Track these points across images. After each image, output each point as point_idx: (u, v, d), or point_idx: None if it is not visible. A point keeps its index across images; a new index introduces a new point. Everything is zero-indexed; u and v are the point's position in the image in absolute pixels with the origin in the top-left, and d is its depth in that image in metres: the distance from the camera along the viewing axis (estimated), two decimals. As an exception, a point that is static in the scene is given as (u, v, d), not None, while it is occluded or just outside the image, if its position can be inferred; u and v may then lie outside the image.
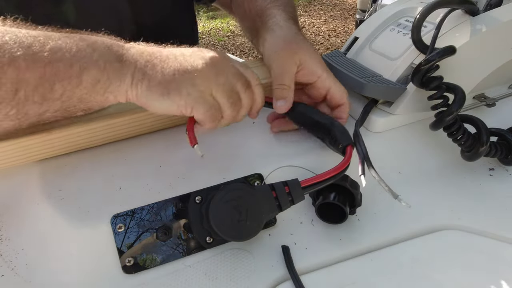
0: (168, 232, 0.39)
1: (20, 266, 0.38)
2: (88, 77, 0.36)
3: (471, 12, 0.49)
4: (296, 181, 0.38)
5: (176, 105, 0.38)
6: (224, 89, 0.40)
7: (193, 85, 0.38)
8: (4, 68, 0.33)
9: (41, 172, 0.44)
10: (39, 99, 0.35)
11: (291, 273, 0.37)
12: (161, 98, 0.38)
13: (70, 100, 0.36)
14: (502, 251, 0.39)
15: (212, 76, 0.39)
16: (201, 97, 0.38)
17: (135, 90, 0.38)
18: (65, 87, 0.35)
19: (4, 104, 0.34)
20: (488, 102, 0.53)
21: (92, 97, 0.37)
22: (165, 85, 0.37)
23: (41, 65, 0.34)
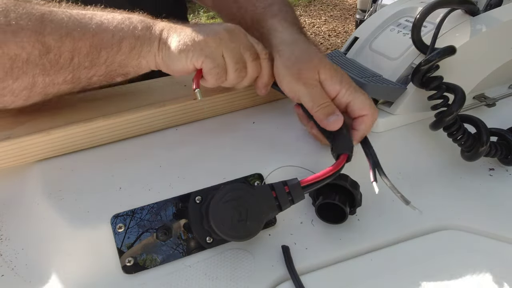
0: (168, 232, 0.39)
1: (20, 266, 0.38)
2: (125, 44, 0.42)
3: (471, 12, 0.49)
4: (296, 181, 0.38)
5: (190, 59, 0.43)
6: (234, 53, 0.44)
7: (206, 43, 0.42)
8: (63, 39, 0.40)
9: (41, 172, 0.44)
10: (89, 64, 0.42)
11: (291, 273, 0.37)
12: (178, 55, 0.43)
13: (112, 65, 0.43)
14: (502, 251, 0.39)
15: (225, 39, 0.43)
16: (212, 53, 0.43)
17: (161, 53, 0.44)
18: (108, 53, 0.42)
19: (63, 70, 0.41)
20: (488, 102, 0.53)
21: (129, 62, 0.44)
22: (183, 43, 0.42)
23: (90, 35, 0.41)
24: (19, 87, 0.41)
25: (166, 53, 0.43)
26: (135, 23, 0.44)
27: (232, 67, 0.44)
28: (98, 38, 0.41)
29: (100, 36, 0.42)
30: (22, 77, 0.40)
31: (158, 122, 0.50)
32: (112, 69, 0.44)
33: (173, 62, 0.44)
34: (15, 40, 0.38)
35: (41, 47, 0.39)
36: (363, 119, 0.44)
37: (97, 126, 0.46)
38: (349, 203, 0.41)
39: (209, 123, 0.52)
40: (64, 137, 0.45)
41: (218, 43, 0.43)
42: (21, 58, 0.39)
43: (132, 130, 0.48)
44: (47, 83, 0.41)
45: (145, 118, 0.48)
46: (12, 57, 0.38)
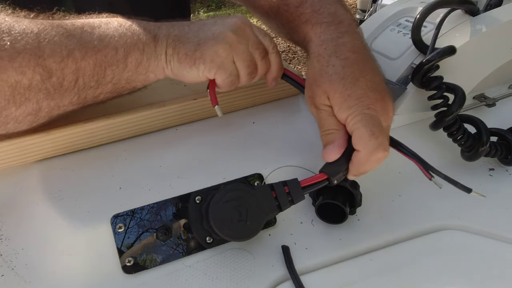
0: (168, 232, 0.39)
1: (20, 266, 0.38)
2: (131, 60, 0.40)
3: (471, 12, 0.49)
4: (296, 181, 0.38)
5: (201, 72, 0.41)
6: (244, 57, 0.42)
7: (216, 52, 0.40)
8: (64, 61, 0.37)
9: (41, 172, 0.44)
10: (95, 84, 0.40)
11: (291, 273, 0.37)
12: (188, 68, 0.41)
13: (119, 82, 0.41)
14: (502, 251, 0.39)
15: (234, 43, 0.41)
16: (223, 63, 0.41)
17: (169, 65, 0.41)
18: (114, 72, 0.40)
19: (68, 92, 0.39)
20: (488, 102, 0.53)
21: (136, 77, 0.42)
22: (191, 55, 0.40)
23: (93, 53, 0.38)
24: (23, 114, 0.38)
25: (175, 66, 0.41)
26: (138, 33, 0.41)
27: (244, 72, 0.43)
28: (101, 55, 0.39)
29: (103, 53, 0.39)
30: (25, 103, 0.37)
31: (158, 122, 0.50)
32: (120, 86, 0.42)
33: (184, 75, 0.42)
34: (13, 66, 0.35)
35: (42, 71, 0.36)
36: (356, 154, 0.38)
37: (97, 126, 0.46)
38: (349, 203, 0.41)
39: (209, 123, 0.52)
40: (64, 137, 0.45)
41: (228, 50, 0.41)
42: (22, 85, 0.36)
43: (132, 130, 0.48)
44: (52, 107, 0.39)
45: (145, 118, 0.48)
46: (13, 84, 0.35)
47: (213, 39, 0.40)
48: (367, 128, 0.37)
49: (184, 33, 0.42)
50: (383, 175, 0.47)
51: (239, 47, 0.41)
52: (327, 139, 0.40)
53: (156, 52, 0.41)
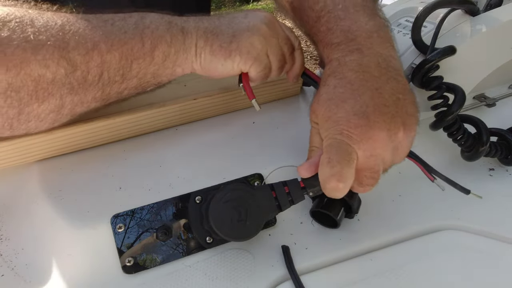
0: (168, 232, 0.39)
1: (20, 266, 0.38)
2: (158, 52, 0.39)
3: (471, 12, 0.49)
4: (296, 181, 0.38)
5: (237, 64, 0.40)
6: (277, 50, 0.42)
7: (252, 44, 0.40)
8: (90, 54, 0.35)
9: (41, 172, 0.44)
10: (120, 78, 0.38)
11: (291, 273, 0.37)
12: (223, 60, 0.40)
13: (145, 77, 0.40)
14: (502, 251, 0.39)
15: (268, 36, 0.41)
16: (259, 55, 0.41)
17: (199, 58, 0.40)
18: (140, 65, 0.38)
19: (93, 87, 0.37)
20: (488, 102, 0.53)
21: (162, 71, 0.40)
22: (226, 47, 0.40)
23: (118, 46, 0.37)
24: (46, 110, 0.37)
25: (206, 59, 0.40)
26: (164, 25, 0.39)
27: (276, 65, 0.43)
28: (127, 48, 0.37)
29: (129, 46, 0.37)
30: (48, 99, 0.36)
31: (158, 122, 0.50)
32: (145, 81, 0.40)
33: (216, 68, 0.41)
34: (37, 59, 0.33)
35: (66, 64, 0.35)
36: None
37: (97, 126, 0.46)
38: (346, 209, 0.40)
39: (209, 123, 0.52)
40: (64, 137, 0.45)
41: (263, 42, 0.41)
42: (46, 79, 0.34)
43: (132, 130, 0.48)
44: (75, 103, 0.38)
45: (145, 118, 0.48)
46: (36, 78, 0.34)
47: (248, 31, 0.40)
48: (326, 154, 0.34)
49: (215, 26, 0.41)
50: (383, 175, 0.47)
51: (272, 40, 0.41)
52: (309, 155, 0.41)
53: (185, 44, 0.39)
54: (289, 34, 0.45)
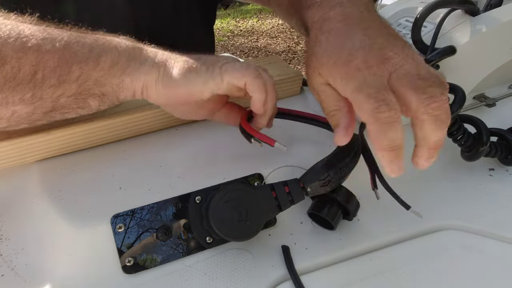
0: (168, 232, 0.39)
1: (20, 266, 0.38)
2: (106, 59, 0.36)
3: (471, 12, 0.49)
4: (296, 181, 0.38)
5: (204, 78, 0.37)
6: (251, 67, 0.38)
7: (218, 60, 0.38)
8: (24, 50, 0.33)
9: (41, 172, 0.44)
10: (56, 81, 0.35)
11: (291, 273, 0.37)
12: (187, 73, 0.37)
13: (86, 83, 0.36)
14: (502, 251, 0.39)
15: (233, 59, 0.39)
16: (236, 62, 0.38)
17: (156, 71, 0.37)
18: (83, 69, 0.35)
19: (21, 87, 0.34)
20: (488, 102, 0.53)
21: (108, 80, 0.37)
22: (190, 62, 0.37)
23: (61, 47, 0.34)
24: None
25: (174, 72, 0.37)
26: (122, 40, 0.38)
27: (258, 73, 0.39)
28: (70, 51, 0.35)
29: (73, 49, 0.35)
30: None
31: (158, 122, 0.50)
32: (86, 88, 0.37)
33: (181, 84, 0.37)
34: None
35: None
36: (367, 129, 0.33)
37: (97, 126, 0.46)
38: (343, 211, 0.40)
39: (209, 123, 0.52)
40: (64, 137, 0.45)
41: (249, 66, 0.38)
42: None
43: (132, 130, 0.48)
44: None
45: (145, 118, 0.48)
46: None
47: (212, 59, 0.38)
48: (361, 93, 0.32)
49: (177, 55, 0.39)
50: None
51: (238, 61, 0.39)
52: (332, 122, 0.37)
53: (140, 56, 0.37)
54: None
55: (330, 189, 0.39)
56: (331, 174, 0.38)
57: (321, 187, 0.38)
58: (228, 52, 3.25)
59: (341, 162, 0.39)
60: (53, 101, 0.36)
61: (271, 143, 0.39)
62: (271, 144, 0.39)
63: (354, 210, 0.40)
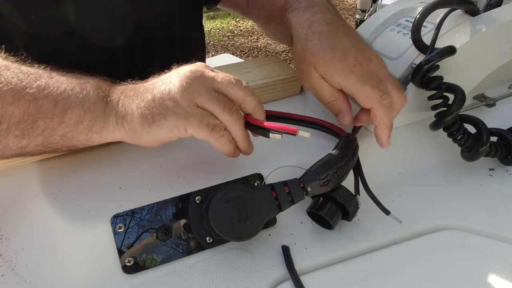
0: (168, 232, 0.39)
1: (20, 266, 0.38)
2: (71, 116, 0.36)
3: (471, 12, 0.49)
4: (296, 181, 0.38)
5: (167, 129, 0.37)
6: (209, 95, 0.37)
7: (176, 104, 0.36)
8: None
9: (41, 172, 0.44)
10: (20, 133, 0.35)
11: (291, 273, 0.37)
12: (148, 128, 0.37)
13: (52, 137, 0.37)
14: (502, 251, 0.39)
15: (193, 88, 0.37)
16: (188, 112, 0.36)
17: (122, 129, 0.38)
18: (47, 124, 0.36)
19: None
20: (488, 102, 0.53)
21: (75, 136, 0.37)
22: (147, 115, 0.36)
23: (26, 101, 0.35)
24: None
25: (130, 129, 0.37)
26: (88, 89, 0.37)
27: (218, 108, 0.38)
28: (36, 105, 0.35)
29: (39, 103, 0.35)
30: None
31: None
32: (52, 141, 0.37)
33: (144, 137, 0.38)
34: None
35: None
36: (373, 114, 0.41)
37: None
38: (343, 212, 0.40)
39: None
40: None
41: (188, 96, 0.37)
42: None
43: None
44: None
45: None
46: None
47: (169, 91, 0.37)
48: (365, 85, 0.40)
49: (137, 93, 0.38)
50: (383, 175, 0.47)
51: (200, 88, 0.37)
52: (333, 110, 0.45)
53: (104, 113, 0.37)
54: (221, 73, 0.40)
55: (330, 189, 0.39)
56: (331, 173, 0.38)
57: (321, 187, 0.38)
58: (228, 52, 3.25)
59: (341, 161, 0.39)
60: (20, 148, 0.37)
61: (294, 131, 0.37)
62: (294, 133, 0.37)
63: (354, 210, 0.40)
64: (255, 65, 0.58)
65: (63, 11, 0.52)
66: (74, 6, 0.53)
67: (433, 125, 0.46)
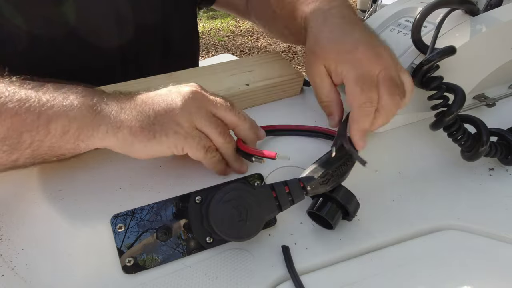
0: (168, 232, 0.39)
1: (20, 266, 0.38)
2: (56, 126, 0.35)
3: (471, 12, 0.49)
4: (296, 181, 0.38)
5: (166, 146, 0.38)
6: (208, 119, 0.39)
7: (177, 124, 0.38)
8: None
9: (41, 172, 0.44)
10: (8, 148, 0.35)
11: (291, 273, 0.37)
12: (147, 141, 0.37)
13: (40, 149, 0.36)
14: (502, 251, 0.39)
15: (194, 109, 0.38)
16: (188, 133, 0.38)
17: (114, 138, 0.37)
18: (34, 137, 0.35)
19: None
20: (488, 102, 0.53)
21: (62, 145, 0.37)
22: (149, 129, 0.37)
23: (8, 116, 0.34)
24: None
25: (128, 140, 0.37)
26: (72, 98, 0.36)
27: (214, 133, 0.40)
28: (19, 119, 0.34)
29: (21, 117, 0.34)
30: None
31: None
32: (42, 152, 0.37)
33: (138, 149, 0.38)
34: None
35: None
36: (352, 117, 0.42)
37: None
38: (343, 212, 0.40)
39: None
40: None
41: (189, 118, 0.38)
42: None
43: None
44: None
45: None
46: None
47: (171, 110, 0.38)
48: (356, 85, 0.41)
49: (134, 105, 0.38)
50: (383, 175, 0.47)
51: (200, 111, 0.39)
52: (325, 110, 0.46)
53: (93, 122, 0.36)
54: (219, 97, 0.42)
55: (330, 188, 0.39)
56: (330, 172, 0.38)
57: (320, 186, 0.38)
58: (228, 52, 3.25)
59: (340, 160, 0.39)
60: (12, 162, 0.37)
61: (273, 156, 0.40)
62: (273, 157, 0.40)
63: (354, 210, 0.40)
64: (256, 62, 0.58)
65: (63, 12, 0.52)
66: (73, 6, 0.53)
67: (433, 125, 0.46)
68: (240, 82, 0.53)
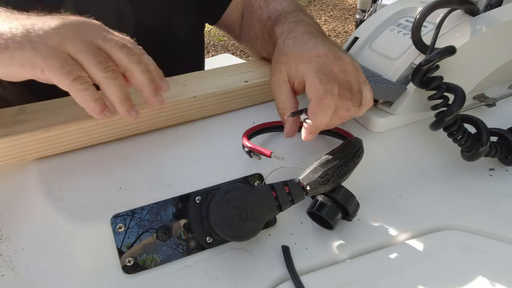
0: (168, 232, 0.39)
1: (20, 266, 0.38)
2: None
3: (471, 12, 0.49)
4: (296, 181, 0.38)
5: (18, 62, 0.33)
6: (85, 46, 0.34)
7: (41, 42, 0.33)
8: None
9: (41, 172, 0.44)
10: None
11: (291, 273, 0.37)
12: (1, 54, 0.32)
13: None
14: (502, 251, 0.39)
15: (70, 34, 0.33)
16: (51, 53, 0.32)
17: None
18: None
19: None
20: (488, 102, 0.53)
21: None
22: (5, 39, 0.33)
23: None
24: None
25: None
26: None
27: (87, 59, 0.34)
28: None
29: None
30: None
31: (158, 121, 0.50)
32: None
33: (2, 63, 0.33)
34: None
35: None
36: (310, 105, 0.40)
37: (97, 124, 0.46)
38: (343, 212, 0.40)
39: (209, 123, 0.52)
40: (63, 135, 0.45)
41: (59, 39, 0.34)
42: None
43: (132, 128, 0.48)
44: None
45: (145, 117, 0.48)
46: None
47: (38, 29, 0.33)
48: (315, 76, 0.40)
49: (18, 18, 0.35)
50: (383, 175, 0.47)
51: (77, 38, 0.34)
52: (281, 118, 0.46)
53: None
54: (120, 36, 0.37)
55: (330, 188, 0.39)
56: (330, 172, 0.38)
57: (320, 185, 0.38)
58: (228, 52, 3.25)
59: (339, 160, 0.39)
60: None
61: (267, 154, 0.41)
62: (268, 155, 0.41)
63: (354, 211, 0.40)
64: (255, 65, 0.58)
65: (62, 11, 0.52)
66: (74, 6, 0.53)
67: (433, 125, 0.46)
68: (239, 80, 0.54)
